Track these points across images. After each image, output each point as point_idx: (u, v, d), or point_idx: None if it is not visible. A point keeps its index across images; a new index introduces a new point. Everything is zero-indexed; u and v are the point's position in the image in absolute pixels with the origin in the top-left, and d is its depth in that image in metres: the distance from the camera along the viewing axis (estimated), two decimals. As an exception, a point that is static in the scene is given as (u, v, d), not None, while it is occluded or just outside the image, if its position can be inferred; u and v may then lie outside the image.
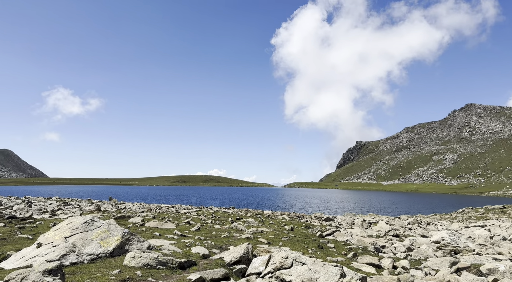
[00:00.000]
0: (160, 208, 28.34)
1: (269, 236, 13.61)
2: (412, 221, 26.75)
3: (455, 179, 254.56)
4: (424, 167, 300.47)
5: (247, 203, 69.67)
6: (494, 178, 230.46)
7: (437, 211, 59.63)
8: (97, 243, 8.36)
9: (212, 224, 17.37)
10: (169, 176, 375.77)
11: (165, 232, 13.27)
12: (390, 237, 16.19)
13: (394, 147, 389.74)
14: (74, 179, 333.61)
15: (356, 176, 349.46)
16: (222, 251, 10.08)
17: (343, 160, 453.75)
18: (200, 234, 13.16)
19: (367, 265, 8.76)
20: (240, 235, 13.44)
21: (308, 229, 18.12)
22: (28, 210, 21.12)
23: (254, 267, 8.07)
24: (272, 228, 17.22)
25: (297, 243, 12.49)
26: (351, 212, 46.41)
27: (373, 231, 18.80)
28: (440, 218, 38.11)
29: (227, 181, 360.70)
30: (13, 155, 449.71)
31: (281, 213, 29.86)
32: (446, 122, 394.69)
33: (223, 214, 25.00)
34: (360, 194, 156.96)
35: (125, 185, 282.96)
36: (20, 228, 12.55)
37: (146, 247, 9.10)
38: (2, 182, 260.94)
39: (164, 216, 20.50)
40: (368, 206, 72.24)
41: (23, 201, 31.08)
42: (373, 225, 22.44)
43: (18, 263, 7.39)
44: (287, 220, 23.08)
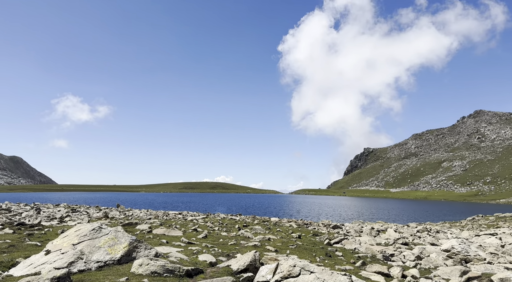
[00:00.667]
0: (167, 215, 28.37)
1: (276, 244, 13.52)
2: (421, 229, 26.41)
3: (464, 186, 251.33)
4: (433, 174, 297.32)
5: (254, 210, 69.48)
6: (504, 185, 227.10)
7: (446, 219, 58.85)
8: (105, 250, 8.37)
9: (219, 231, 17.33)
10: (176, 182, 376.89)
11: (172, 239, 13.27)
12: (399, 245, 15.99)
13: (402, 154, 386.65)
14: (82, 186, 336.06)
15: (364, 183, 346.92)
16: (229, 258, 10.03)
17: (350, 166, 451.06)
18: (207, 242, 13.13)
19: (376, 274, 8.64)
20: (247, 242, 13.38)
21: (315, 237, 17.98)
22: (37, 216, 21.29)
23: (261, 275, 8.01)
24: (279, 235, 17.12)
25: (304, 251, 12.39)
26: (359, 219, 45.99)
27: (381, 239, 18.58)
28: (450, 226, 37.57)
29: (234, 188, 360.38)
30: (22, 161, 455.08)
31: (288, 220, 29.69)
32: (455, 129, 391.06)
33: (230, 221, 24.94)
34: (368, 201, 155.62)
35: (132, 191, 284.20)
36: (29, 235, 12.64)
37: (154, 254, 9.10)
38: (11, 189, 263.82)
39: (171, 223, 20.51)
40: (376, 213, 71.56)
41: (32, 208, 31.36)
42: (382, 233, 22.19)
43: (27, 270, 7.43)
44: (295, 228, 22.94)
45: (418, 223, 45.46)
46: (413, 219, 58.57)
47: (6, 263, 8.16)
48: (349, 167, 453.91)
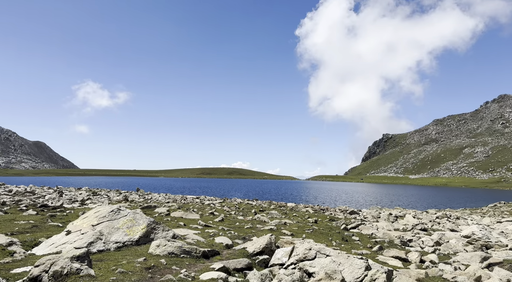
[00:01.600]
0: (185, 199, 28.77)
1: (292, 228, 13.53)
2: (441, 215, 25.96)
3: (486, 172, 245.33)
4: (453, 160, 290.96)
5: (271, 195, 69.79)
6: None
7: (467, 206, 57.65)
8: (123, 231, 8.54)
9: (236, 215, 17.46)
10: (194, 168, 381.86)
11: (189, 222, 13.44)
12: (418, 231, 15.75)
13: (422, 140, 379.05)
14: (103, 170, 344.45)
15: (382, 169, 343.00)
16: (245, 241, 10.10)
17: (368, 153, 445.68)
18: (224, 225, 13.25)
19: (393, 259, 8.53)
20: (263, 226, 13.45)
21: (332, 222, 17.90)
22: (59, 199, 21.93)
23: (277, 258, 8.03)
24: (295, 220, 17.13)
25: (320, 235, 12.35)
26: (377, 205, 45.58)
27: (399, 225, 18.35)
28: (470, 212, 36.82)
29: (250, 174, 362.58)
30: (46, 146, 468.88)
31: (305, 206, 29.67)
32: (478, 114, 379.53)
33: (246, 205, 25.10)
34: (386, 187, 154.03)
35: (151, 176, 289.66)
36: (51, 216, 13.03)
37: (171, 236, 9.23)
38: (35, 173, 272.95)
39: (188, 206, 20.79)
40: (395, 200, 70.79)
41: (54, 191, 32.34)
42: (400, 218, 21.92)
43: (49, 250, 7.66)
44: (311, 213, 22.90)
45: (437, 209, 44.70)
46: (433, 205, 57.67)
47: (30, 243, 8.44)
48: (367, 153, 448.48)
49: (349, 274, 6.64)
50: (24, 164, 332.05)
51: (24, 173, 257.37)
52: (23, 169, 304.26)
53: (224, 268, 6.70)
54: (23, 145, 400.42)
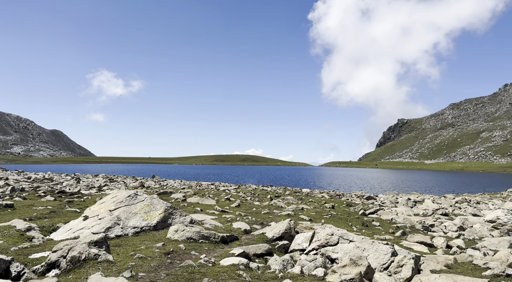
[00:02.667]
0: (200, 185, 28.82)
1: (310, 213, 13.28)
2: (460, 200, 25.32)
3: (505, 157, 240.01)
4: (470, 144, 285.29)
5: (285, 181, 69.67)
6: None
7: (486, 191, 56.43)
8: (141, 216, 8.42)
9: (252, 201, 17.31)
10: (207, 155, 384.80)
11: (206, 207, 13.34)
12: (439, 216, 15.32)
13: (438, 124, 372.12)
14: (119, 158, 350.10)
15: (397, 154, 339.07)
16: (263, 227, 9.91)
17: (383, 138, 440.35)
18: (240, 210, 13.09)
19: (418, 244, 8.21)
20: (280, 211, 13.24)
21: (349, 207, 17.60)
22: (77, 185, 22.18)
23: (297, 243, 7.80)
24: (312, 205, 16.88)
25: (339, 220, 12.07)
26: (393, 191, 44.96)
27: (419, 210, 17.93)
28: (490, 197, 35.96)
29: (264, 160, 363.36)
30: (63, 135, 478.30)
31: (320, 191, 29.39)
32: (496, 97, 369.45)
33: (261, 191, 24.96)
34: (402, 173, 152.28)
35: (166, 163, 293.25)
36: (69, 202, 13.09)
37: (188, 221, 9.09)
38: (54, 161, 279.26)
39: (204, 192, 20.75)
40: (411, 185, 69.86)
41: (72, 178, 32.83)
42: (419, 203, 21.44)
43: (66, 235, 7.60)
44: (327, 198, 22.63)
45: (456, 194, 43.84)
46: (450, 190, 56.67)
47: (48, 228, 8.40)
48: (382, 138, 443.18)
49: (375, 260, 6.36)
50: (42, 152, 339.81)
51: (42, 161, 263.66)
52: (42, 157, 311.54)
53: (244, 253, 6.50)
54: (41, 134, 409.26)
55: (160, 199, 9.76)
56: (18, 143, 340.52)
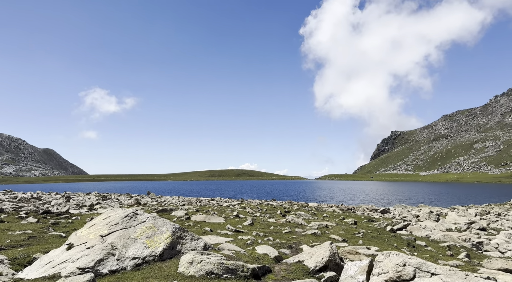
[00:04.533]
0: (201, 201, 26.83)
1: (338, 232, 11.42)
2: (480, 212, 23.63)
3: (499, 167, 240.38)
4: (464, 155, 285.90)
5: (284, 195, 67.60)
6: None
7: (491, 201, 54.90)
8: (143, 242, 6.51)
9: (264, 218, 15.40)
10: (202, 170, 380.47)
11: (215, 226, 11.43)
12: (476, 231, 13.57)
13: (431, 136, 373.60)
14: (112, 175, 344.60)
15: (392, 166, 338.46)
16: (292, 250, 8.03)
17: (377, 150, 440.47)
18: (256, 229, 11.19)
19: (503, 273, 6.40)
20: (303, 230, 11.36)
21: (372, 223, 15.77)
22: (66, 204, 20.08)
23: (349, 276, 5.93)
24: (332, 221, 15.02)
25: (375, 240, 10.24)
26: (401, 203, 43.20)
27: (448, 224, 16.15)
28: (507, 208, 34.36)
29: (259, 175, 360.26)
30: (55, 153, 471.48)
31: (329, 205, 27.53)
32: (488, 108, 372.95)
33: (268, 206, 23.06)
34: (399, 185, 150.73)
35: (160, 180, 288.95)
36: (53, 224, 11.10)
37: (202, 246, 7.20)
38: (45, 180, 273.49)
39: (207, 209, 18.81)
40: (413, 197, 68.17)
41: (62, 196, 30.64)
42: (442, 217, 19.69)
43: (43, 271, 5.65)
44: (340, 213, 20.79)
45: (463, 205, 42.22)
46: (456, 202, 55.03)
47: (21, 260, 6.45)
48: (376, 151, 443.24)
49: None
50: (34, 172, 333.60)
51: (34, 180, 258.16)
52: (33, 176, 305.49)
53: (290, 294, 4.65)
54: (32, 153, 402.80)
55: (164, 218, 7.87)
56: (10, 163, 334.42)
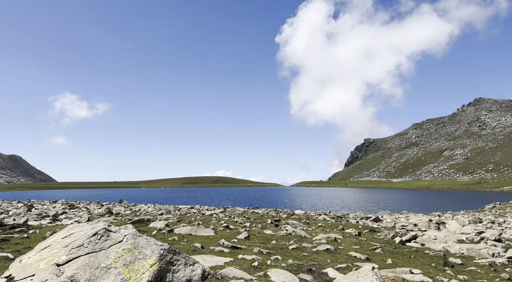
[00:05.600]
0: (179, 210, 24.60)
1: (352, 246, 9.73)
2: (472, 220, 22.74)
3: (467, 174, 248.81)
4: (434, 163, 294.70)
5: (263, 203, 65.82)
6: (507, 173, 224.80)
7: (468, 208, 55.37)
8: (119, 273, 4.55)
9: (257, 229, 13.53)
10: (176, 177, 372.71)
11: (206, 241, 9.49)
12: (493, 243, 12.29)
13: (403, 144, 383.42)
14: (82, 183, 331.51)
15: (366, 173, 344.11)
16: (314, 276, 6.25)
17: (351, 158, 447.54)
18: (256, 245, 9.35)
19: None
20: (312, 245, 9.59)
21: (375, 234, 14.24)
22: (25, 214, 17.49)
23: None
24: (333, 232, 13.37)
25: (401, 257, 8.62)
26: (384, 211, 42.39)
27: (457, 235, 14.84)
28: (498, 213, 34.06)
29: (235, 182, 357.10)
30: (22, 160, 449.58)
31: (317, 213, 25.96)
32: (455, 117, 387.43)
33: (254, 215, 21.19)
34: (373, 192, 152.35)
35: (133, 187, 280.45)
36: (2, 241, 8.84)
37: (200, 274, 5.31)
38: (11, 187, 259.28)
39: (189, 218, 16.75)
40: (392, 204, 68.13)
41: (24, 205, 27.61)
42: (441, 225, 18.53)
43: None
44: (333, 222, 19.24)
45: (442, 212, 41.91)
46: (435, 208, 55.12)
47: None
48: (350, 158, 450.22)
49: None
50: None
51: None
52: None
53: None
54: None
55: (137, 230, 5.94)
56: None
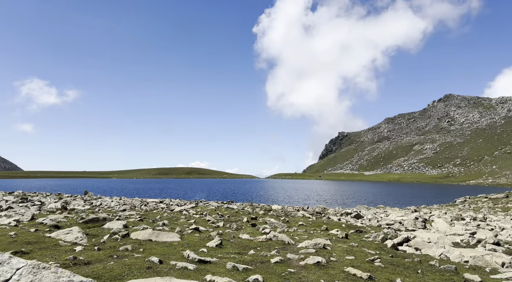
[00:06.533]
0: (146, 204, 22.48)
1: (346, 257, 8.04)
2: (455, 216, 21.93)
3: (435, 168, 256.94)
4: (405, 157, 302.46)
5: (238, 196, 64.16)
6: (473, 167, 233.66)
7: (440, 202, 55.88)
8: None
9: (232, 231, 11.72)
10: (150, 168, 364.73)
11: (167, 252, 7.61)
12: (492, 247, 11.06)
13: (375, 138, 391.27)
14: (50, 172, 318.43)
15: (339, 166, 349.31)
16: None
17: (325, 150, 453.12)
18: (230, 257, 7.54)
19: None
20: (298, 255, 7.83)
21: (362, 235, 12.81)
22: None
23: None
24: (317, 234, 11.80)
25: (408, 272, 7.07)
26: (361, 204, 41.68)
27: (450, 237, 13.60)
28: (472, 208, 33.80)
29: (209, 173, 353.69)
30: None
31: (295, 209, 24.49)
32: (426, 112, 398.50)
33: (228, 211, 19.42)
34: (346, 184, 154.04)
35: (103, 177, 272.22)
36: None
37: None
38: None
39: (155, 216, 14.77)
40: (366, 197, 68.16)
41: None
42: (427, 223, 17.43)
43: None
44: (314, 219, 17.75)
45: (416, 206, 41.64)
46: (408, 202, 55.25)
47: None
48: (324, 151, 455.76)
49: None
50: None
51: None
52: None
53: None
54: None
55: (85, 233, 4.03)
56: None
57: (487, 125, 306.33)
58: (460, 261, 9.03)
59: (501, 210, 34.75)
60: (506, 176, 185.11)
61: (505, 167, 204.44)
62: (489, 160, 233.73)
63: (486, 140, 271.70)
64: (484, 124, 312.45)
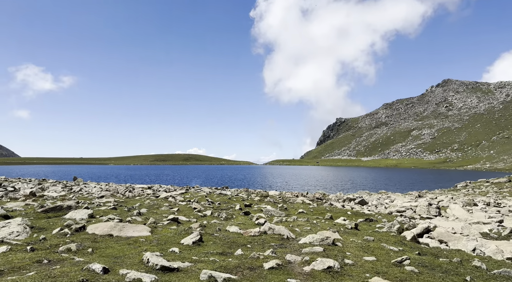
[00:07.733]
0: (132, 190, 20.54)
1: (364, 258, 6.13)
2: (467, 202, 20.17)
3: (433, 153, 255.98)
4: (402, 142, 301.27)
5: (235, 182, 62.46)
6: (471, 152, 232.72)
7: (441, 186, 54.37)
8: None
9: (219, 221, 9.74)
10: (147, 154, 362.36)
11: (124, 252, 5.67)
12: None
13: (373, 123, 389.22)
14: (47, 158, 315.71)
15: (337, 152, 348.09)
16: None
17: (323, 136, 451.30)
18: (209, 258, 5.58)
19: None
20: (301, 257, 5.83)
21: (372, 224, 10.95)
22: None
23: None
24: (323, 226, 9.91)
25: (455, 280, 5.18)
26: (362, 190, 40.04)
27: (475, 226, 11.78)
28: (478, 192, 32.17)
29: (207, 160, 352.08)
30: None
31: (294, 194, 22.63)
32: (424, 98, 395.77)
33: (220, 198, 17.52)
34: (345, 170, 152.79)
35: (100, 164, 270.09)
36: None
37: None
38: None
39: (134, 204, 12.84)
40: (366, 182, 66.57)
41: None
42: (442, 210, 15.63)
43: None
44: (315, 206, 15.89)
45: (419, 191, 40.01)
46: (410, 187, 53.66)
47: None
48: (322, 137, 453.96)
49: None
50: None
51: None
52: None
53: None
54: None
55: None
56: None
57: (485, 110, 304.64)
58: (503, 259, 7.17)
59: (508, 194, 33.15)
60: (504, 161, 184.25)
61: (502, 152, 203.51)
62: (487, 145, 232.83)
63: (484, 125, 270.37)
64: (482, 109, 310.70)
